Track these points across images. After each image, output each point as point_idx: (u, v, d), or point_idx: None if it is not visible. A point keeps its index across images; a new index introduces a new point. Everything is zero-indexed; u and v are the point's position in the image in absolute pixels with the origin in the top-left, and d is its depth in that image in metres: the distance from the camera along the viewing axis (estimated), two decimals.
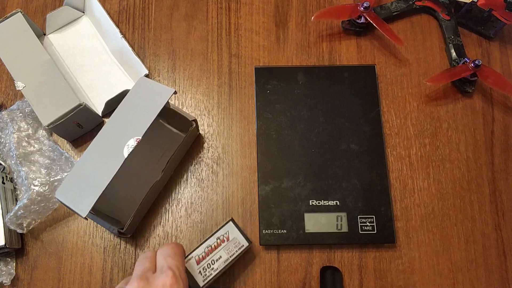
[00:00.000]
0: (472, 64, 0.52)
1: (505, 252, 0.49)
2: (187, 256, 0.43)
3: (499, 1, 0.53)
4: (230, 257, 0.44)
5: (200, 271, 0.43)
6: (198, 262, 0.43)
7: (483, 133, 0.53)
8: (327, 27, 0.58)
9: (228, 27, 0.57)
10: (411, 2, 0.57)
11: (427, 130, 0.53)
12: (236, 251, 0.44)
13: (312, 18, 0.55)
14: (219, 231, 0.45)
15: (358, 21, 0.55)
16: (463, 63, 0.53)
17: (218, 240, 0.44)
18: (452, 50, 0.55)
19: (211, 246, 0.44)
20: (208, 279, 0.43)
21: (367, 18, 0.54)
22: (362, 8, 0.54)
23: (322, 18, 0.57)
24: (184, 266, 0.38)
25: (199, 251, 0.44)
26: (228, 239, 0.44)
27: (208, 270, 0.43)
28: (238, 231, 0.45)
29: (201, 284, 0.42)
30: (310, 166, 0.50)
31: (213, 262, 0.43)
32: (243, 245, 0.44)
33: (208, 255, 0.43)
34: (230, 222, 0.45)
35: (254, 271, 0.48)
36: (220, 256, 0.44)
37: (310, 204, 0.49)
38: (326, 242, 0.48)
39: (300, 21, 0.58)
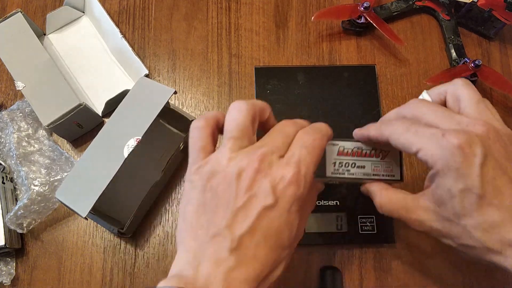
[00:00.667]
0: (472, 64, 0.52)
1: None
2: (332, 141, 0.37)
3: (499, 1, 0.53)
4: (373, 175, 0.37)
5: (335, 163, 0.37)
6: (340, 154, 0.37)
7: None
8: (327, 27, 0.58)
9: (228, 27, 0.57)
10: (411, 2, 0.57)
11: None
12: (382, 174, 0.38)
13: (312, 18, 0.55)
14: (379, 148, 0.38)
15: (358, 21, 0.55)
16: (463, 63, 0.53)
17: (373, 152, 0.38)
18: (452, 50, 0.55)
19: (362, 151, 0.37)
20: (337, 175, 0.37)
21: (367, 18, 0.54)
22: (362, 8, 0.54)
23: (322, 18, 0.57)
24: (316, 166, 0.31)
25: (348, 145, 0.37)
26: (382, 158, 0.38)
27: (343, 168, 0.37)
28: (398, 159, 0.38)
29: (328, 174, 0.37)
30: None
31: (353, 165, 0.37)
32: (393, 175, 0.38)
33: (353, 156, 0.37)
34: (399, 152, 0.38)
35: None
36: (364, 166, 0.37)
37: None
38: (326, 242, 0.48)
39: (300, 21, 0.58)
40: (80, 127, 0.51)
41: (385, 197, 0.36)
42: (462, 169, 0.29)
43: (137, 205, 0.46)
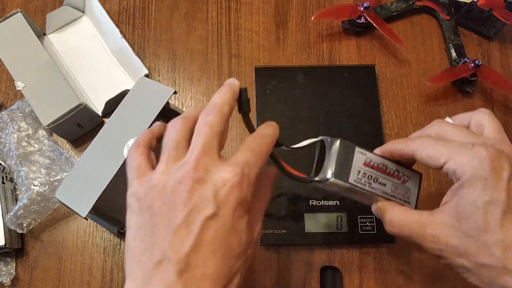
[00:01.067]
0: (472, 64, 0.52)
1: None
2: (362, 149, 0.36)
3: (499, 1, 0.53)
4: (391, 196, 0.37)
5: (359, 171, 0.35)
6: (365, 164, 0.36)
7: None
8: (327, 27, 0.58)
9: (228, 27, 0.57)
10: (411, 2, 0.57)
11: None
12: (400, 198, 0.37)
13: (312, 18, 0.55)
14: (404, 168, 0.38)
15: (358, 21, 0.55)
16: (463, 63, 0.53)
17: (397, 173, 0.37)
18: (452, 50, 0.55)
19: (387, 169, 0.37)
20: (358, 185, 0.35)
21: (367, 18, 0.54)
22: (362, 8, 0.54)
23: (322, 18, 0.57)
24: (261, 167, 0.29)
25: (375, 159, 0.36)
26: (403, 182, 0.37)
27: (365, 179, 0.36)
28: (416, 189, 0.38)
29: (350, 180, 0.35)
30: (310, 166, 0.50)
31: (375, 180, 0.36)
32: (409, 202, 0.38)
33: (378, 170, 0.36)
34: (419, 176, 0.39)
35: (254, 271, 0.48)
36: (385, 184, 0.36)
37: (310, 204, 0.49)
38: (326, 242, 0.48)
39: (300, 21, 0.58)
40: (80, 127, 0.51)
41: (398, 212, 0.35)
42: (489, 180, 0.29)
43: None
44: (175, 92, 0.45)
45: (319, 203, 0.49)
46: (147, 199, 0.27)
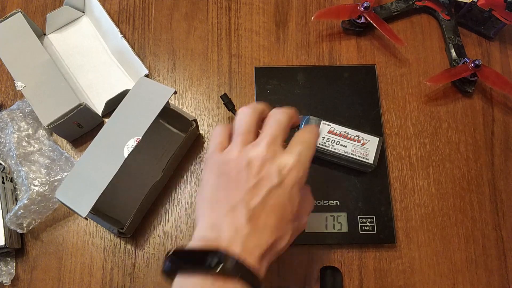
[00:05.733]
0: (472, 64, 0.52)
1: (505, 252, 0.49)
2: (327, 122, 0.47)
3: (499, 1, 0.53)
4: (351, 154, 0.46)
5: (324, 137, 0.47)
6: (329, 132, 0.47)
7: (483, 133, 0.53)
8: (327, 27, 0.58)
9: (228, 27, 0.57)
10: (411, 2, 0.57)
11: (427, 130, 0.53)
12: (359, 156, 0.47)
13: (312, 18, 0.55)
14: (364, 134, 0.47)
15: (358, 21, 0.55)
16: (463, 63, 0.53)
17: (357, 137, 0.47)
18: (452, 50, 0.55)
19: (348, 135, 0.47)
20: (323, 147, 0.47)
21: (367, 18, 0.54)
22: (362, 8, 0.54)
23: (322, 18, 0.57)
24: (311, 156, 0.35)
25: (338, 128, 0.47)
26: (363, 144, 0.47)
27: (329, 143, 0.46)
28: (376, 149, 0.47)
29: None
30: (310, 166, 0.50)
31: (338, 143, 0.46)
32: (367, 159, 0.47)
33: (340, 136, 0.47)
34: (378, 138, 0.48)
35: None
36: (346, 146, 0.46)
37: None
38: (326, 242, 0.48)
39: (300, 21, 0.58)
40: (80, 127, 0.51)
41: None
42: None
43: (137, 205, 0.46)
44: (175, 92, 0.46)
45: (319, 203, 0.49)
46: (227, 167, 0.34)
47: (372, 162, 0.47)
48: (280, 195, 0.33)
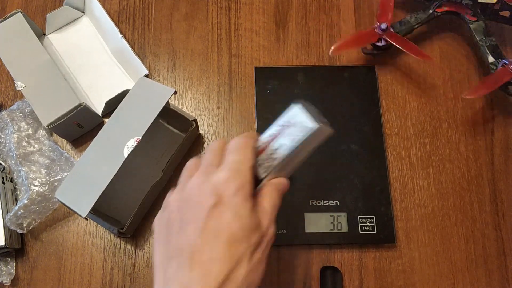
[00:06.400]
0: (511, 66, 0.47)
1: (505, 252, 0.49)
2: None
3: None
4: (295, 143, 0.35)
5: (260, 164, 0.35)
6: (258, 154, 0.35)
7: (483, 133, 0.53)
8: (327, 27, 0.58)
9: (228, 27, 0.57)
10: (431, 11, 0.53)
11: (427, 130, 0.53)
12: (301, 135, 0.35)
13: (331, 52, 0.51)
14: (283, 117, 0.37)
15: (378, 44, 0.52)
16: (502, 65, 0.48)
17: (280, 128, 0.36)
18: (487, 52, 0.50)
19: (273, 135, 0.36)
20: (268, 171, 0.35)
21: (388, 40, 0.51)
22: (380, 31, 0.51)
23: (342, 50, 0.53)
24: (251, 160, 0.32)
25: (261, 142, 0.36)
26: (292, 124, 0.36)
27: (268, 161, 0.35)
28: (305, 113, 0.36)
29: (261, 176, 0.35)
30: (310, 166, 0.50)
31: (273, 152, 0.35)
32: (308, 127, 0.35)
33: (267, 148, 0.36)
34: (297, 105, 0.37)
35: None
36: (282, 144, 0.35)
37: (310, 204, 0.49)
38: (326, 242, 0.48)
39: (300, 21, 0.58)
40: (80, 127, 0.51)
41: None
42: None
43: (137, 205, 0.46)
44: (175, 92, 0.45)
45: (319, 203, 0.49)
46: (165, 215, 0.33)
47: (314, 125, 0.35)
48: (222, 215, 0.29)
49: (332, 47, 0.51)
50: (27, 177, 0.48)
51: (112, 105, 0.52)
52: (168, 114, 0.50)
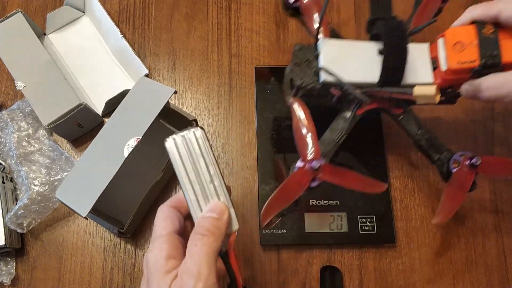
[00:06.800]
0: (467, 163, 0.40)
1: (505, 252, 0.49)
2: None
3: (465, 76, 0.39)
4: (176, 171, 0.32)
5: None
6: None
7: (483, 133, 0.53)
8: None
9: (228, 27, 0.57)
10: (349, 115, 0.43)
11: None
12: (171, 161, 0.32)
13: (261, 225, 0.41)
14: None
15: (313, 184, 0.39)
16: (455, 163, 0.41)
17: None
18: (429, 149, 0.43)
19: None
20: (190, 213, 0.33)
21: (323, 176, 0.38)
22: (313, 169, 0.38)
23: (270, 217, 0.41)
24: (214, 266, 0.30)
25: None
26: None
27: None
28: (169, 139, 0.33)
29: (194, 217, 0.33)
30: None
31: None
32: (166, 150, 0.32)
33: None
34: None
35: (254, 271, 0.48)
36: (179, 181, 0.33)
37: (310, 204, 0.49)
38: (326, 242, 0.48)
39: (300, 21, 0.58)
40: (80, 127, 0.51)
41: (492, 77, 0.37)
42: None
43: (137, 205, 0.46)
44: (175, 92, 0.46)
45: (319, 203, 0.49)
46: None
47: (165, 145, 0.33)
48: None
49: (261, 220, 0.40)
50: (27, 177, 0.48)
51: (112, 105, 0.52)
52: (168, 114, 0.50)
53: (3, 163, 0.50)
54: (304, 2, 0.48)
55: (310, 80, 0.41)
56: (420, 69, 0.41)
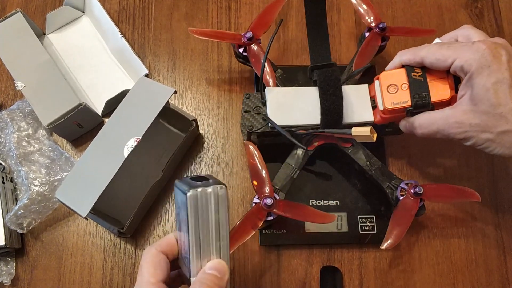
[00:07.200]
0: (412, 191, 0.43)
1: (505, 252, 0.49)
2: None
3: (401, 115, 0.43)
4: (187, 224, 0.31)
5: (183, 262, 0.33)
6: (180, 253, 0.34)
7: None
8: None
9: (228, 27, 0.57)
10: (304, 153, 0.46)
11: None
12: (184, 213, 0.31)
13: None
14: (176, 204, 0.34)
15: (269, 218, 0.42)
16: (401, 191, 0.43)
17: (177, 216, 0.34)
18: (378, 178, 0.45)
19: (178, 228, 0.34)
20: (188, 265, 0.32)
21: (277, 214, 0.41)
22: (265, 205, 0.41)
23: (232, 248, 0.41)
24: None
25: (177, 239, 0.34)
26: (178, 207, 0.33)
27: (185, 256, 0.33)
28: (179, 187, 0.32)
29: (187, 275, 0.33)
30: (310, 166, 0.50)
31: (182, 244, 0.33)
32: (183, 201, 0.31)
33: (178, 240, 0.34)
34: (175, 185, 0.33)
35: (254, 271, 0.48)
36: (182, 232, 0.32)
37: (310, 204, 0.49)
38: (326, 242, 0.48)
39: (300, 21, 0.58)
40: (80, 127, 0.51)
41: (424, 116, 0.41)
42: (492, 66, 0.36)
43: (137, 205, 0.46)
44: (175, 92, 0.46)
45: (319, 203, 0.49)
46: None
47: (182, 198, 0.31)
48: None
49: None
50: (27, 177, 0.48)
51: (112, 105, 0.52)
52: (168, 113, 0.50)
53: (3, 163, 0.50)
54: (250, 52, 0.49)
55: (260, 125, 0.46)
56: (361, 108, 0.45)
